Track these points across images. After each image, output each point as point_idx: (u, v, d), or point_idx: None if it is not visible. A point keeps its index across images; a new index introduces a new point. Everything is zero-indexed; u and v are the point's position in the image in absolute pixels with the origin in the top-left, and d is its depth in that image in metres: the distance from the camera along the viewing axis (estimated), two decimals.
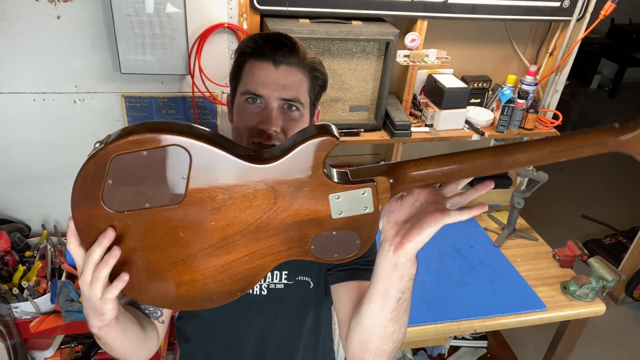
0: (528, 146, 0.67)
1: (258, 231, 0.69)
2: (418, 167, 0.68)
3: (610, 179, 4.10)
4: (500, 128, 1.88)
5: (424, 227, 0.66)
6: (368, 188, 0.67)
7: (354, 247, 0.71)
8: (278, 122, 0.86)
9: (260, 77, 0.87)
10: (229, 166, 0.65)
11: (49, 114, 1.63)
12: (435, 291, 1.72)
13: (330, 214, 0.68)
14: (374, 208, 0.68)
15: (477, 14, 1.71)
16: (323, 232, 0.70)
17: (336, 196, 0.67)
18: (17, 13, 1.45)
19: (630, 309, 2.87)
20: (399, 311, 0.76)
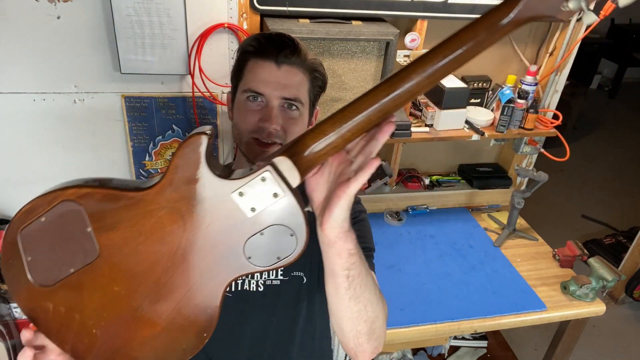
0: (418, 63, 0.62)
1: (186, 259, 0.65)
2: (316, 136, 0.62)
3: (610, 179, 4.10)
4: (500, 128, 1.88)
5: (332, 208, 0.63)
6: (266, 172, 0.61)
7: (291, 242, 0.64)
8: (278, 120, 0.88)
9: (262, 75, 0.88)
10: (121, 202, 0.63)
11: (49, 114, 1.63)
12: (435, 291, 1.72)
13: (245, 214, 0.63)
14: (283, 191, 0.61)
15: (477, 14, 1.69)
16: (250, 235, 0.64)
17: (238, 193, 0.62)
18: (17, 13, 1.45)
19: (630, 309, 2.87)
20: (354, 289, 0.72)
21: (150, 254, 0.65)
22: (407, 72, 0.61)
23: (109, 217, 0.63)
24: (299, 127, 0.92)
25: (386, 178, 2.04)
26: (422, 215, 2.15)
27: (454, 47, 0.62)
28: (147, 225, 0.64)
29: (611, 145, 4.64)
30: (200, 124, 1.75)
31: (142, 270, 0.65)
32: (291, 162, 0.62)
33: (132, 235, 0.64)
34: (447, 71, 0.62)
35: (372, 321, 0.77)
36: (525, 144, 2.08)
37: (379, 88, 0.61)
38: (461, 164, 2.30)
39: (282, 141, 0.89)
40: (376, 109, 0.61)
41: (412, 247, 1.95)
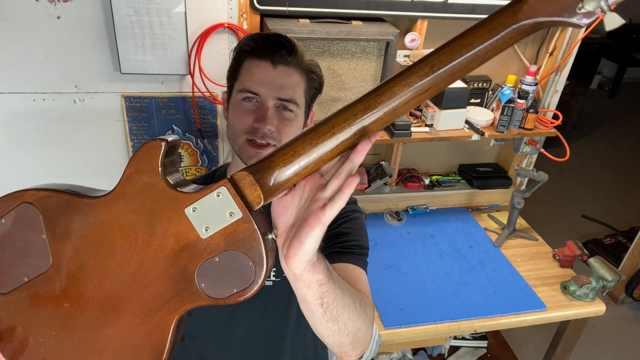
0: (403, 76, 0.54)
1: (136, 279, 0.59)
2: (285, 156, 0.55)
3: (610, 179, 4.10)
4: (500, 128, 1.88)
5: (302, 238, 0.55)
6: (222, 187, 0.55)
7: (249, 271, 0.57)
8: (273, 121, 0.87)
9: (258, 75, 0.88)
10: (75, 209, 0.58)
11: (49, 114, 1.63)
12: (435, 291, 1.72)
13: (198, 234, 0.57)
14: (241, 211, 0.55)
15: (477, 14, 1.71)
16: (202, 260, 0.57)
17: (192, 208, 0.56)
18: (17, 13, 1.45)
19: (630, 309, 2.87)
20: (331, 313, 0.67)
21: (100, 270, 0.60)
22: (391, 85, 0.54)
23: (62, 225, 0.59)
24: (294, 128, 0.91)
25: (386, 178, 2.04)
26: (422, 215, 2.15)
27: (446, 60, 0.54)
28: (100, 238, 0.59)
29: (611, 145, 4.64)
30: (200, 124, 1.75)
31: (92, 288, 0.60)
32: (253, 180, 0.55)
33: (84, 246, 0.59)
34: (435, 88, 0.54)
35: (354, 333, 0.74)
36: (525, 144, 2.08)
37: (357, 104, 0.55)
38: (461, 164, 2.30)
39: (277, 142, 0.88)
40: (355, 128, 0.54)
41: (412, 247, 1.95)
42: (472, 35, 0.52)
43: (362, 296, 0.78)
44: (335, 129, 0.54)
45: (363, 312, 0.75)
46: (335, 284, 0.66)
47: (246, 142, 0.88)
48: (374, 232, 1.99)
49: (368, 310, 0.79)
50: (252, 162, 0.77)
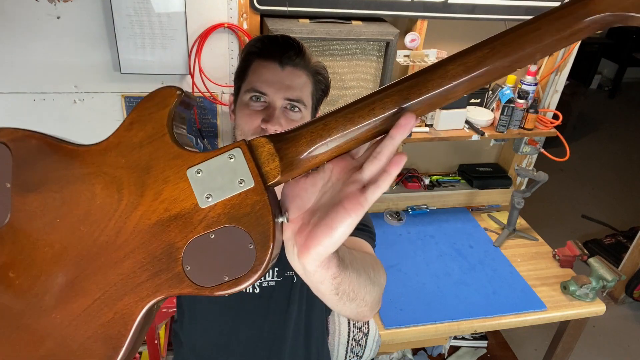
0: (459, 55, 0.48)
1: (107, 252, 0.47)
2: (315, 131, 0.47)
3: (610, 179, 4.10)
4: (500, 128, 1.88)
5: (333, 225, 0.46)
6: (237, 148, 0.46)
7: (249, 255, 0.46)
8: (280, 121, 0.87)
9: (265, 76, 0.88)
10: (54, 157, 0.49)
11: (49, 114, 1.63)
12: (435, 291, 1.72)
13: (196, 201, 0.46)
14: (254, 179, 0.46)
15: (477, 14, 1.71)
16: (195, 235, 0.47)
17: (196, 169, 0.46)
18: (17, 13, 1.45)
19: (630, 309, 2.87)
20: (347, 296, 0.61)
21: (66, 234, 0.48)
22: (444, 64, 0.47)
23: (34, 174, 0.49)
24: None
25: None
26: (422, 215, 2.15)
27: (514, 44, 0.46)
28: (74, 193, 0.48)
29: (611, 145, 4.64)
30: (200, 124, 1.75)
31: (48, 256, 0.48)
32: (274, 149, 0.47)
33: (52, 203, 0.48)
34: (496, 72, 0.47)
35: (372, 301, 0.69)
36: (525, 144, 2.08)
37: (404, 81, 0.47)
38: (461, 164, 2.30)
39: None
40: (398, 105, 0.46)
41: (412, 247, 1.95)
42: (539, 22, 0.46)
43: (374, 263, 0.73)
44: (376, 105, 0.46)
45: (378, 282, 0.71)
46: (349, 269, 0.58)
47: None
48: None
49: (382, 275, 0.75)
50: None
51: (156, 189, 0.47)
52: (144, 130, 0.48)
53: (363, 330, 1.52)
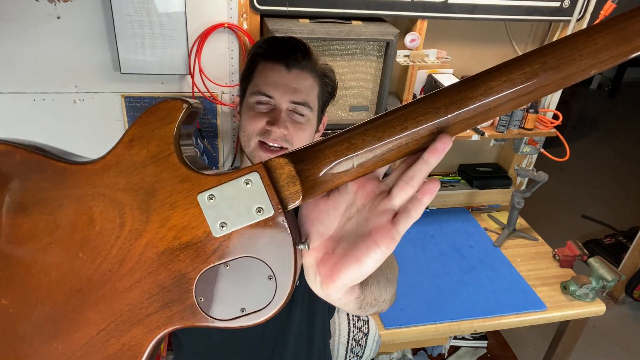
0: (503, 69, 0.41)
1: (111, 281, 0.44)
2: (339, 147, 0.42)
3: (610, 178, 4.10)
4: (500, 128, 1.88)
5: (362, 259, 0.42)
6: (254, 173, 0.41)
7: (268, 287, 0.43)
8: (286, 123, 0.87)
9: (272, 78, 0.88)
10: (45, 175, 0.44)
11: (49, 114, 1.63)
12: (435, 291, 1.72)
13: (209, 230, 0.42)
14: (274, 208, 0.41)
15: (477, 14, 1.71)
16: (208, 265, 0.43)
17: (208, 195, 0.42)
18: (17, 13, 1.45)
19: (630, 309, 2.87)
20: (369, 305, 0.59)
21: (63, 261, 0.44)
22: (487, 79, 0.41)
23: (22, 194, 0.44)
24: (307, 132, 0.90)
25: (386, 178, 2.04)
26: (422, 215, 2.15)
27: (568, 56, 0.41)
28: (69, 217, 0.44)
29: (611, 145, 4.64)
30: (200, 124, 1.75)
31: (45, 283, 0.44)
32: (294, 171, 0.42)
33: (45, 226, 0.44)
34: (546, 88, 0.41)
35: (391, 298, 0.72)
36: (525, 144, 2.08)
37: (441, 96, 0.42)
38: (461, 164, 2.29)
39: (289, 146, 0.88)
40: (435, 124, 0.41)
41: (412, 247, 1.95)
42: (596, 35, 0.40)
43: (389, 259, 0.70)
44: (409, 123, 0.41)
45: (393, 277, 0.72)
46: (370, 282, 0.57)
47: (258, 144, 0.88)
48: None
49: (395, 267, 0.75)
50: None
51: (163, 214, 0.43)
52: (146, 149, 0.42)
53: (363, 330, 1.53)
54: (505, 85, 0.41)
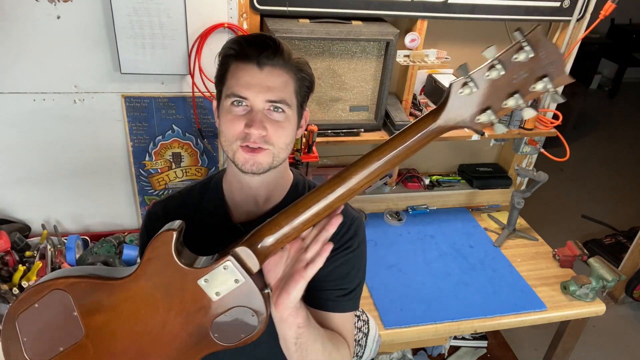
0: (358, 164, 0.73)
1: (160, 338, 0.75)
2: (272, 228, 0.73)
3: (610, 179, 4.10)
4: None
5: (289, 290, 0.74)
6: (227, 262, 0.71)
7: (253, 321, 0.74)
8: (264, 124, 0.85)
9: (244, 79, 0.85)
10: (103, 289, 0.74)
11: (49, 114, 1.63)
12: (435, 291, 1.72)
13: (210, 298, 0.73)
14: (243, 277, 0.72)
15: (477, 14, 1.71)
16: (215, 317, 0.74)
17: (204, 280, 0.72)
18: (17, 13, 1.45)
19: (630, 309, 2.87)
20: (302, 352, 0.83)
21: (130, 333, 0.75)
22: (348, 173, 0.72)
23: (92, 303, 0.74)
24: (287, 130, 0.88)
25: (386, 178, 2.04)
26: (422, 215, 2.15)
27: (388, 151, 0.71)
28: (126, 310, 0.74)
29: (611, 145, 4.64)
30: (200, 124, 1.75)
31: (123, 347, 0.76)
32: (250, 251, 0.72)
33: (112, 318, 0.74)
34: (383, 172, 0.73)
35: None
36: (525, 144, 2.08)
37: (324, 186, 0.73)
38: (461, 164, 2.29)
39: (270, 146, 0.86)
40: (323, 205, 0.72)
41: (412, 247, 1.95)
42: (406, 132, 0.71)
43: (336, 342, 0.93)
44: (310, 205, 0.73)
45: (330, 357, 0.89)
46: (311, 329, 0.82)
47: (239, 148, 0.86)
48: (374, 232, 1.99)
49: (343, 354, 0.94)
50: (247, 166, 0.86)
51: (179, 296, 0.73)
52: (160, 263, 0.72)
53: (363, 330, 1.52)
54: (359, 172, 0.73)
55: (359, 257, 0.98)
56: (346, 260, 0.96)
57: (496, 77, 0.65)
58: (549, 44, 0.62)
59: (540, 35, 0.62)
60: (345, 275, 0.96)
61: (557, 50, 0.63)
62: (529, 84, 0.64)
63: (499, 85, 0.65)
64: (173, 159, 1.83)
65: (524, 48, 0.62)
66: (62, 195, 1.80)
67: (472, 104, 0.67)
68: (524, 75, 0.64)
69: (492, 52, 0.63)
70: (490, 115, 0.67)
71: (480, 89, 0.66)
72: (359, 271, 1.00)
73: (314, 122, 1.67)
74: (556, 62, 0.62)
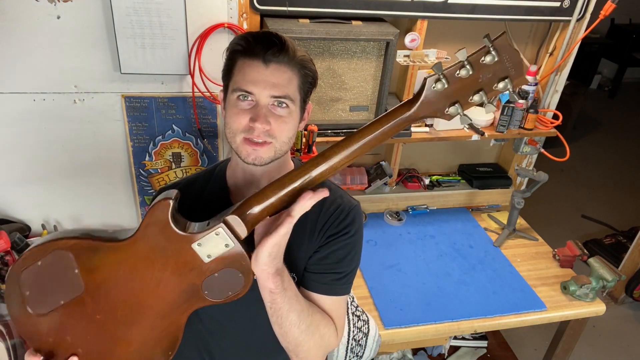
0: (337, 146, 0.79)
1: (156, 293, 0.82)
2: (259, 199, 0.80)
3: (610, 179, 4.10)
4: (500, 128, 1.88)
5: (257, 252, 0.79)
6: (219, 228, 0.77)
7: (240, 280, 0.81)
8: (267, 119, 0.90)
9: (250, 75, 0.90)
10: (103, 250, 0.80)
11: (49, 114, 1.63)
12: (435, 291, 1.72)
13: (202, 260, 0.79)
14: (233, 242, 0.78)
15: (477, 14, 1.71)
16: (206, 276, 0.81)
17: (197, 243, 0.78)
18: (17, 13, 1.45)
19: (630, 309, 2.87)
20: (276, 318, 0.89)
21: (127, 289, 0.82)
22: (331, 152, 0.79)
23: (92, 262, 0.80)
24: (290, 124, 0.93)
25: (386, 178, 2.04)
26: (422, 215, 2.15)
27: (366, 135, 0.78)
28: (124, 269, 0.80)
29: (611, 145, 4.64)
30: (200, 124, 1.75)
31: (120, 301, 0.82)
32: (239, 219, 0.79)
33: (111, 275, 0.81)
34: (361, 153, 0.80)
35: (295, 345, 0.93)
36: (525, 144, 2.08)
37: (309, 163, 0.79)
38: (461, 164, 2.29)
39: (273, 139, 0.91)
40: (306, 178, 0.79)
41: (412, 247, 1.95)
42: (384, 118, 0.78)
43: (320, 321, 0.96)
44: (295, 180, 0.79)
45: (309, 333, 0.92)
46: (286, 298, 0.87)
47: (243, 140, 0.91)
48: (374, 232, 1.99)
49: (322, 333, 0.96)
50: (249, 159, 0.90)
51: (175, 257, 0.79)
52: (158, 228, 0.78)
53: (363, 330, 1.53)
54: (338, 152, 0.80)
55: (355, 243, 1.03)
56: (343, 245, 1.00)
57: (465, 76, 0.73)
58: (511, 49, 0.71)
59: (504, 42, 0.71)
60: (341, 259, 1.00)
61: (519, 55, 0.72)
62: (492, 83, 0.73)
63: (467, 83, 0.74)
64: (173, 159, 1.83)
65: (491, 52, 0.71)
66: (62, 195, 1.80)
67: (443, 97, 0.76)
68: (488, 76, 0.73)
69: (464, 54, 0.72)
70: (457, 108, 0.76)
71: (450, 85, 0.75)
72: (355, 256, 1.04)
73: (314, 122, 1.67)
74: (517, 65, 0.72)
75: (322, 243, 1.00)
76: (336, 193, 1.03)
